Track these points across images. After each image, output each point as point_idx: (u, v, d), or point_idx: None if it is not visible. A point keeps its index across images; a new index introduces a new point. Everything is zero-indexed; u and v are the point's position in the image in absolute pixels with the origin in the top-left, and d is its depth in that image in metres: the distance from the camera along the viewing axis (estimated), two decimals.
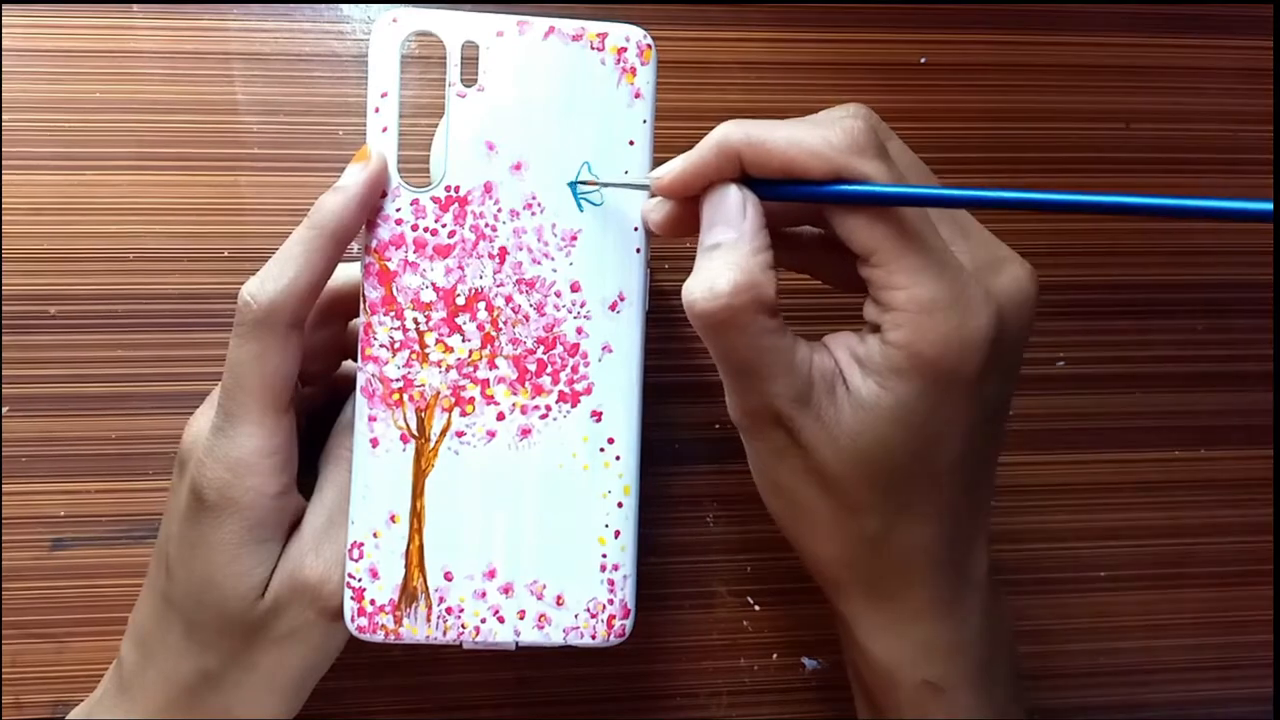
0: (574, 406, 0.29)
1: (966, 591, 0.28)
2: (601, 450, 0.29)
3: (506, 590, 0.29)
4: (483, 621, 0.29)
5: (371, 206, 0.28)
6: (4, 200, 0.35)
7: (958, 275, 0.25)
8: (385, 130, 0.28)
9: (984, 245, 0.27)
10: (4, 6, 0.35)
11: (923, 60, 0.39)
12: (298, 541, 0.29)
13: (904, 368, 0.24)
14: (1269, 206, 0.23)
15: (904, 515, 0.26)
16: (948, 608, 0.28)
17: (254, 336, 0.27)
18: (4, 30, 0.35)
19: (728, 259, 0.25)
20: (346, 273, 0.30)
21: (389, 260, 0.28)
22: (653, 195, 0.27)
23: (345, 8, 0.37)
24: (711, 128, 0.38)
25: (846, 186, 0.25)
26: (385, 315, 0.28)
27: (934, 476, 0.26)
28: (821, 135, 0.25)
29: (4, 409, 0.35)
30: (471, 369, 0.28)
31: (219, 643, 0.28)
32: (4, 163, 0.35)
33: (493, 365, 0.29)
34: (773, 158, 0.25)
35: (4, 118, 0.35)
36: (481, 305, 0.28)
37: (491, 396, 0.29)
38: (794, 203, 0.26)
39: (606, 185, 0.28)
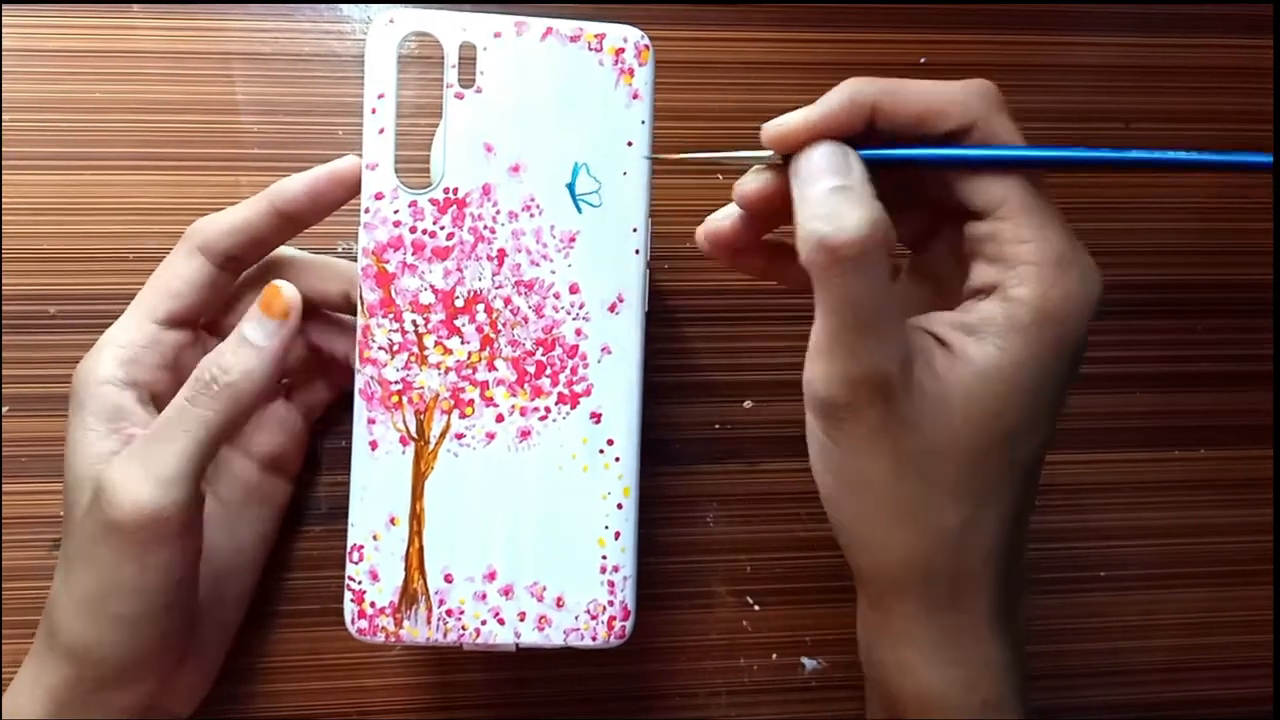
0: (573, 408, 0.29)
1: (1019, 602, 0.27)
2: (601, 451, 0.29)
3: (506, 592, 0.29)
4: (483, 623, 0.29)
5: (322, 193, 0.29)
6: (4, 200, 0.35)
7: (1074, 236, 0.24)
8: (382, 132, 0.28)
9: (1069, 237, 0.26)
10: (4, 6, 0.35)
11: (923, 60, 0.39)
12: (121, 451, 0.28)
13: (1027, 323, 0.23)
14: (1268, 159, 0.23)
15: (985, 507, 0.25)
16: (1004, 621, 0.26)
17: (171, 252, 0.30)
18: (4, 30, 0.35)
19: (851, 197, 0.23)
20: (291, 251, 0.32)
21: (387, 263, 0.28)
22: (763, 146, 0.25)
23: (345, 8, 0.37)
24: (712, 128, 0.38)
25: (984, 150, 0.24)
26: (384, 317, 0.28)
27: (1017, 465, 0.25)
28: (960, 86, 0.24)
29: (4, 409, 0.35)
30: (470, 371, 0.28)
31: (66, 543, 0.29)
32: (4, 163, 0.35)
33: (492, 367, 0.29)
34: (911, 105, 0.24)
35: (4, 118, 0.35)
36: (480, 307, 0.28)
37: (491, 398, 0.29)
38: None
39: (720, 158, 0.27)
